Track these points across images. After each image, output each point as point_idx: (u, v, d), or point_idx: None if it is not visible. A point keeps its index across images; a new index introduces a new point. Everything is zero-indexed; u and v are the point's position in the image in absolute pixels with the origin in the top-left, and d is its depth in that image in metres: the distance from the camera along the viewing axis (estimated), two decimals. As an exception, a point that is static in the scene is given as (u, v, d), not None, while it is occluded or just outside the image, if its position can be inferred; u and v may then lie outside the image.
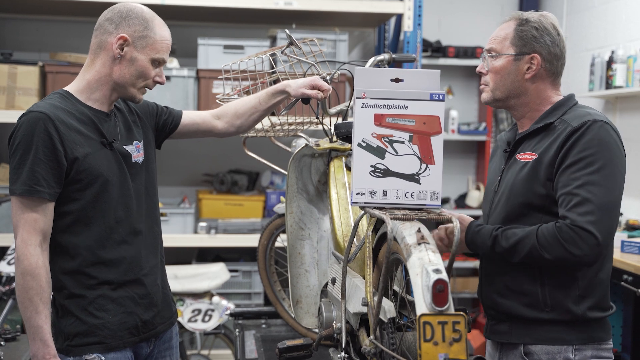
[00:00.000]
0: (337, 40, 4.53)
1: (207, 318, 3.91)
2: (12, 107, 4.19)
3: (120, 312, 2.07)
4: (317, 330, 2.66)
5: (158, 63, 2.12)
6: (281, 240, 3.11)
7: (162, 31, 2.11)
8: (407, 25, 4.45)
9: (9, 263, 3.75)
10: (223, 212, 4.61)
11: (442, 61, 5.22)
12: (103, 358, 2.02)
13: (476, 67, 5.64)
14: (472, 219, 2.09)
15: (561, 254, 1.89)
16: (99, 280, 2.05)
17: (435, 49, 5.24)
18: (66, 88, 2.11)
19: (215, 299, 3.95)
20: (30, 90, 4.19)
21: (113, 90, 2.11)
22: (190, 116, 2.40)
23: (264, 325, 3.23)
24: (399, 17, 4.66)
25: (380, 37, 5.19)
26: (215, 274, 4.05)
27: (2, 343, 2.73)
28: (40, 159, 1.96)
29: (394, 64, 2.69)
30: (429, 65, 5.10)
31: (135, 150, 2.16)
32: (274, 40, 4.60)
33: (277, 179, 4.92)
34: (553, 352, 1.98)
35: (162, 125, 2.33)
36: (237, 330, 3.17)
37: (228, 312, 3.65)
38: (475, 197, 5.34)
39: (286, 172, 2.70)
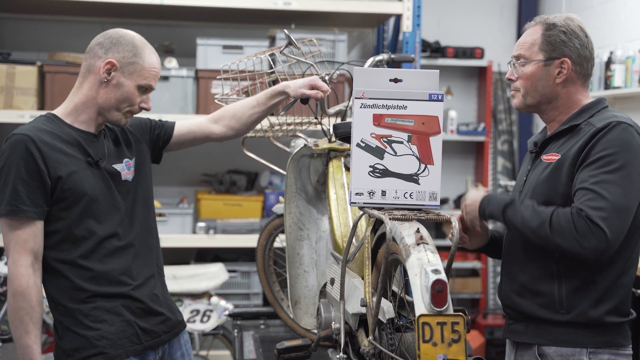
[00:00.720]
0: (336, 41, 4.52)
1: (205, 319, 3.91)
2: (11, 107, 4.19)
3: (117, 321, 2.07)
4: (315, 331, 2.66)
5: (145, 89, 2.13)
6: (280, 241, 3.11)
7: (150, 59, 2.13)
8: (406, 25, 4.45)
9: (6, 264, 3.74)
10: (222, 213, 4.60)
11: (441, 61, 5.22)
12: None
13: (475, 67, 5.65)
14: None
15: (569, 242, 1.87)
16: (91, 293, 2.05)
17: (434, 50, 5.24)
18: (54, 112, 2.14)
19: (214, 299, 3.95)
20: (29, 90, 4.19)
21: (98, 114, 2.13)
22: (186, 125, 2.39)
23: (262, 326, 3.23)
24: (398, 17, 4.66)
25: (379, 38, 5.19)
26: (214, 274, 4.05)
27: (0, 344, 2.73)
28: (23, 179, 1.98)
29: (393, 64, 2.69)
30: (428, 66, 5.10)
31: (126, 169, 2.17)
32: (273, 40, 4.60)
33: (276, 179, 4.92)
34: (567, 355, 1.97)
35: (156, 139, 2.33)
36: (235, 330, 3.17)
37: (227, 312, 3.64)
38: (474, 197, 5.33)
39: (285, 173, 2.70)
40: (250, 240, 4.37)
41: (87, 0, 4.25)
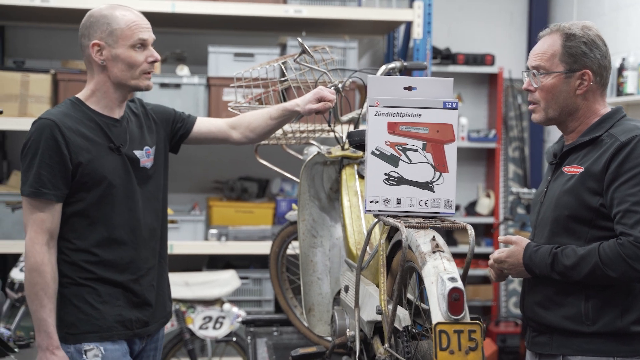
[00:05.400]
0: (346, 48, 4.53)
1: (218, 325, 3.91)
2: (25, 115, 4.21)
3: (116, 305, 2.17)
4: (329, 338, 2.66)
5: (141, 45, 2.18)
6: (292, 248, 3.11)
7: (125, 17, 2.17)
8: (417, 32, 4.45)
9: (21, 270, 3.76)
10: (233, 220, 4.62)
11: (452, 68, 5.22)
12: (102, 348, 2.13)
13: (485, 74, 5.63)
14: (529, 240, 2.07)
15: (626, 271, 1.87)
16: (97, 276, 2.16)
17: (444, 56, 5.24)
18: (78, 95, 2.23)
19: (226, 306, 3.95)
20: (43, 98, 4.21)
21: (117, 92, 2.20)
22: (206, 124, 2.47)
23: (275, 333, 3.23)
24: (409, 24, 4.67)
25: (390, 45, 5.20)
26: (226, 281, 4.06)
27: (15, 350, 2.74)
28: (46, 163, 2.08)
29: (405, 71, 2.70)
30: (439, 73, 5.11)
31: (145, 156, 2.25)
32: (283, 48, 4.61)
33: (287, 186, 4.92)
34: None
35: (176, 131, 2.41)
36: (249, 337, 3.18)
37: (239, 319, 3.65)
38: (485, 204, 5.33)
39: (298, 180, 2.70)
40: (261, 247, 4.38)
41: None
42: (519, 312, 5.26)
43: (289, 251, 3.15)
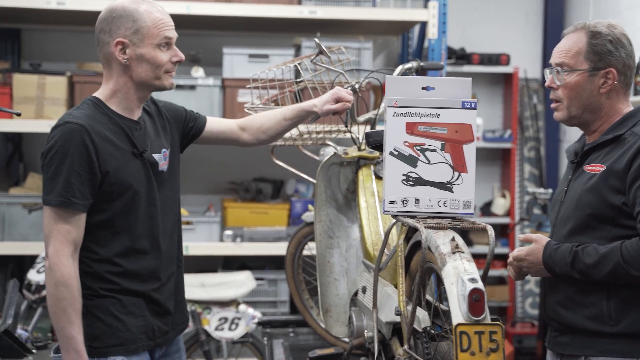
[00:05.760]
0: (361, 49, 4.52)
1: (233, 326, 3.91)
2: (41, 117, 4.24)
3: (139, 315, 2.08)
4: (346, 339, 2.66)
5: (166, 44, 2.08)
6: (308, 249, 3.11)
7: (151, 16, 2.05)
8: (432, 32, 4.44)
9: (38, 271, 3.78)
10: (248, 221, 4.62)
11: (467, 68, 5.19)
12: None
13: (501, 74, 5.59)
14: (549, 239, 2.06)
15: None
16: (121, 287, 2.06)
17: (459, 56, 5.22)
18: (97, 95, 2.10)
19: (242, 307, 3.95)
20: (59, 100, 4.23)
21: (138, 92, 2.10)
22: (217, 124, 2.40)
23: (291, 334, 3.23)
24: (423, 24, 4.65)
25: (404, 45, 5.18)
26: (241, 282, 4.06)
27: (33, 351, 2.76)
28: (75, 171, 1.96)
29: (420, 71, 2.69)
30: (453, 73, 5.08)
31: (162, 159, 2.16)
32: (298, 48, 4.61)
33: (302, 187, 4.92)
34: None
35: (188, 130, 2.32)
36: (265, 338, 3.18)
37: (255, 320, 3.65)
38: (500, 204, 5.30)
39: (314, 180, 2.70)
40: (276, 248, 4.38)
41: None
42: (535, 313, 5.24)
43: (305, 252, 3.14)
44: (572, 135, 5.29)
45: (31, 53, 4.97)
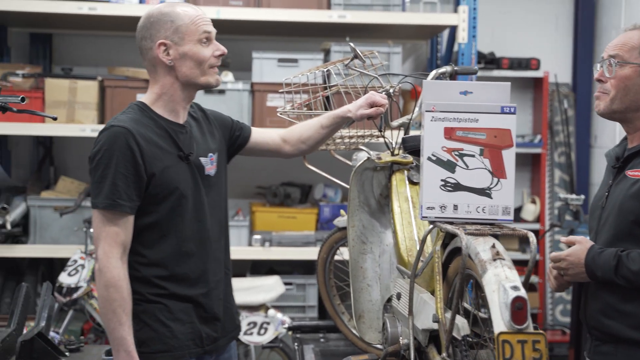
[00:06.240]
0: (390, 53, 4.50)
1: (262, 331, 3.91)
2: (72, 121, 4.27)
3: (187, 322, 2.09)
4: (379, 346, 2.63)
5: (206, 40, 2.10)
6: (340, 254, 3.09)
7: (187, 13, 2.09)
8: (462, 37, 4.41)
9: (69, 274, 3.81)
10: (276, 225, 4.61)
11: (496, 73, 5.15)
12: None
13: (530, 78, 5.53)
14: (593, 242, 2.02)
15: None
16: (169, 292, 2.08)
17: (488, 61, 5.18)
18: (142, 99, 2.14)
19: (271, 312, 3.95)
20: (90, 105, 4.27)
21: (185, 93, 2.12)
22: (261, 134, 2.41)
23: (322, 340, 3.21)
24: (453, 29, 4.62)
25: (433, 50, 5.16)
26: (270, 286, 4.06)
27: (66, 354, 2.76)
28: (121, 173, 1.99)
29: (454, 76, 2.67)
30: (483, 77, 5.04)
31: (209, 163, 2.18)
32: (327, 53, 4.60)
33: (330, 191, 4.91)
34: None
35: (234, 139, 2.34)
36: (295, 344, 3.16)
37: (285, 325, 3.64)
38: (530, 210, 5.24)
39: (347, 186, 2.69)
40: (305, 253, 4.37)
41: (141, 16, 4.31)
42: (565, 320, 5.17)
43: (336, 257, 3.12)
44: (603, 140, 5.22)
45: (62, 58, 5.02)
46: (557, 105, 5.36)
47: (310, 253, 4.40)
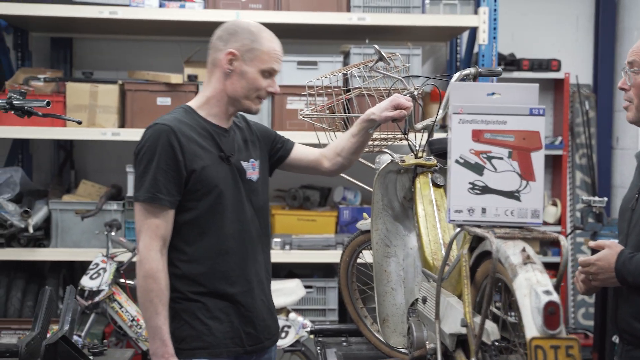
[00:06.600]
0: (410, 55, 4.48)
1: (283, 334, 3.90)
2: (93, 125, 4.29)
3: (226, 321, 2.14)
4: (402, 350, 2.61)
5: (269, 74, 2.19)
6: (362, 257, 3.07)
7: (269, 43, 2.18)
8: (482, 38, 4.38)
9: (91, 278, 3.82)
10: (296, 228, 4.61)
11: (516, 74, 5.11)
12: None
13: (551, 80, 5.49)
14: (623, 247, 1.99)
15: None
16: (208, 290, 2.13)
17: (508, 62, 5.14)
18: (189, 103, 2.23)
19: (292, 315, 3.94)
20: (111, 108, 4.28)
21: (229, 105, 2.19)
22: (303, 150, 2.46)
23: (344, 343, 3.19)
24: (473, 30, 4.60)
25: (452, 51, 5.13)
26: (291, 290, 4.04)
27: (90, 357, 2.77)
28: (162, 168, 2.07)
29: (477, 78, 2.64)
30: (503, 79, 5.00)
31: (251, 168, 2.24)
32: (346, 55, 4.59)
33: (350, 194, 4.89)
34: None
35: (276, 151, 2.40)
36: (318, 347, 3.14)
37: (307, 328, 3.62)
38: (551, 213, 5.20)
39: (370, 189, 2.67)
40: (325, 256, 4.36)
41: (163, 20, 4.33)
42: (587, 324, 5.11)
43: (359, 260, 3.10)
44: (624, 142, 5.17)
45: (82, 62, 5.05)
46: (578, 106, 5.31)
47: (330, 256, 4.39)
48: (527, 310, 1.57)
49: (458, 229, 1.91)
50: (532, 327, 1.54)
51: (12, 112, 2.47)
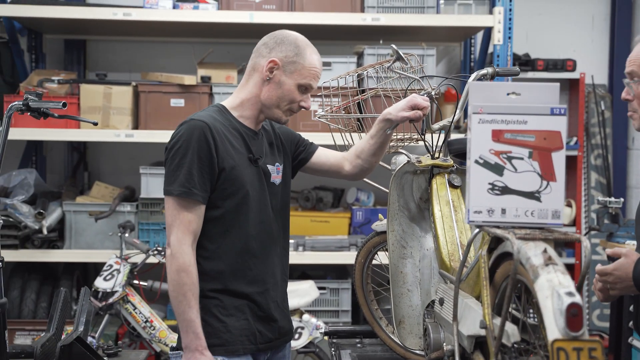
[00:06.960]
0: (424, 55, 4.46)
1: (297, 336, 3.89)
2: (107, 127, 4.30)
3: (241, 318, 2.17)
4: (418, 352, 2.59)
5: (305, 89, 2.21)
6: (377, 258, 3.06)
7: (312, 59, 2.21)
8: (497, 38, 4.36)
9: (105, 279, 3.82)
10: (309, 229, 4.60)
11: (531, 74, 5.08)
12: None
13: (566, 80, 5.45)
14: (639, 254, 1.97)
15: None
16: (225, 287, 2.16)
17: (523, 62, 5.11)
18: (222, 103, 2.26)
19: (305, 316, 3.92)
20: (124, 110, 4.29)
21: (260, 111, 2.23)
22: (326, 153, 2.48)
23: (359, 345, 3.17)
24: (488, 30, 4.57)
25: (466, 52, 5.10)
26: (305, 291, 4.03)
27: (105, 358, 2.77)
28: (196, 163, 2.08)
29: (494, 77, 2.62)
30: (518, 79, 4.97)
31: (275, 172, 2.28)
32: (360, 56, 4.58)
33: (363, 195, 4.87)
34: None
35: (298, 154, 2.43)
36: (332, 349, 3.13)
37: (322, 330, 3.61)
38: (566, 214, 5.16)
39: (386, 190, 2.65)
40: (338, 257, 4.34)
41: (177, 21, 4.33)
42: (603, 325, 5.07)
43: (374, 262, 3.08)
44: (639, 143, 5.13)
45: (96, 64, 5.06)
46: (594, 106, 5.27)
47: (344, 257, 4.38)
48: (549, 311, 1.55)
49: (477, 230, 1.89)
50: (554, 328, 1.52)
51: (29, 113, 2.48)
